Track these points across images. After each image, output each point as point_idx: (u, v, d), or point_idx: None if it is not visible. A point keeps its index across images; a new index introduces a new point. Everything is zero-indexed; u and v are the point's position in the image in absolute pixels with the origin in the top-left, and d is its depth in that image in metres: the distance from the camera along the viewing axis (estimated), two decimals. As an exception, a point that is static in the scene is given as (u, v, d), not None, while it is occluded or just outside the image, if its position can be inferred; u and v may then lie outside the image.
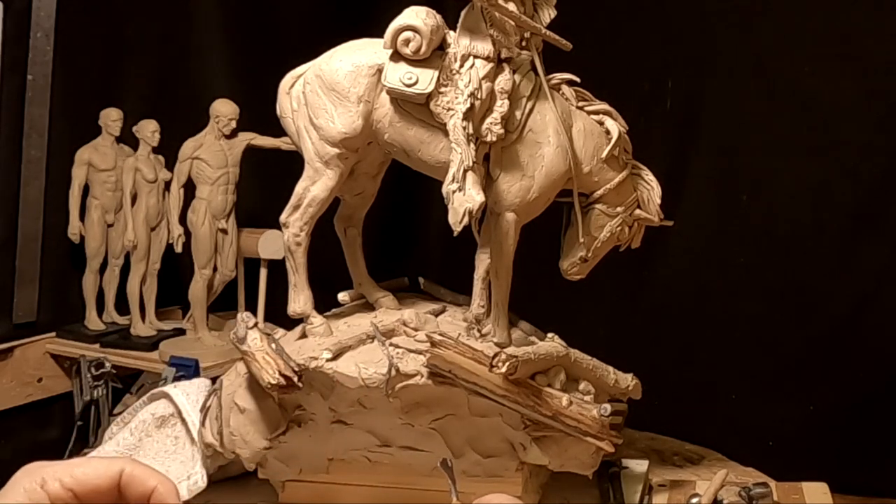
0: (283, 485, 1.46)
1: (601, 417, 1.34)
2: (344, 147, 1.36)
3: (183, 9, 2.36)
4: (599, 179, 1.40)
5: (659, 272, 2.06)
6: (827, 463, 1.70)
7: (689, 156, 2.03)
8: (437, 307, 1.51)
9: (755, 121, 1.95)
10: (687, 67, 2.00)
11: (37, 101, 2.11)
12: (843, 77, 1.85)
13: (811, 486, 1.50)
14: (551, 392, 1.33)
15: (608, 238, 1.43)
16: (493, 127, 1.30)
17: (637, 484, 1.50)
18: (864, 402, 1.88)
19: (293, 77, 1.42)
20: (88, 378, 1.96)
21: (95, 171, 2.15)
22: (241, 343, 1.37)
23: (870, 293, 1.88)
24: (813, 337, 1.93)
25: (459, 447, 1.38)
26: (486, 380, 1.27)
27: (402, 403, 1.34)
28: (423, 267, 1.98)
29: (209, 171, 2.07)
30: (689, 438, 1.81)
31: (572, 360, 1.41)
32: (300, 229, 1.38)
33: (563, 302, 1.78)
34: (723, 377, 2.00)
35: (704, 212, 2.01)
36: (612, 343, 1.71)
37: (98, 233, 2.17)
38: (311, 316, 1.41)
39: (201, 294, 2.10)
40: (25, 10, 2.07)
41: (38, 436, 2.13)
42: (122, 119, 2.16)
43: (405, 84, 1.30)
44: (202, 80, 2.36)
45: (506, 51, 1.32)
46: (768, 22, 1.91)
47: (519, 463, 1.38)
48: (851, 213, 1.89)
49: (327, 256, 1.51)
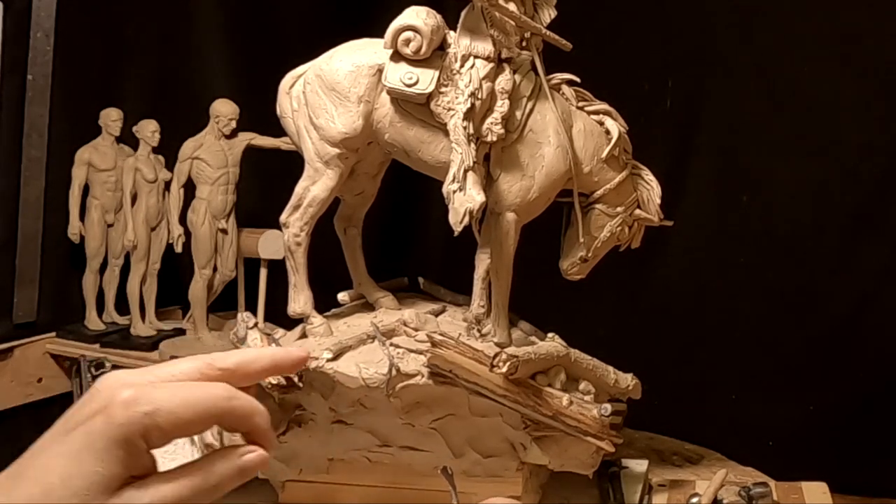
0: (283, 485, 1.46)
1: (601, 417, 1.34)
2: (344, 147, 1.36)
3: (183, 9, 2.36)
4: (599, 179, 1.40)
5: (659, 272, 2.06)
6: (826, 463, 1.70)
7: (689, 156, 2.03)
8: (436, 307, 1.51)
9: (755, 121, 1.95)
10: (687, 67, 2.00)
11: (37, 101, 2.11)
12: (843, 77, 1.85)
13: (810, 485, 1.50)
14: (552, 392, 1.33)
15: (608, 238, 1.43)
16: (493, 127, 1.30)
17: (637, 484, 1.50)
18: (864, 402, 1.88)
19: (293, 77, 1.42)
20: (88, 378, 1.96)
21: (95, 171, 2.15)
22: (241, 343, 1.37)
23: (870, 293, 1.88)
24: (813, 337, 1.93)
25: (460, 447, 1.38)
26: (486, 380, 1.27)
27: (403, 403, 1.34)
28: (423, 267, 1.98)
29: (209, 171, 2.07)
30: (688, 438, 1.81)
31: (572, 360, 1.41)
32: (300, 229, 1.38)
33: (563, 302, 1.78)
34: (723, 377, 2.00)
35: (704, 212, 2.01)
36: (612, 343, 1.70)
37: (98, 233, 2.17)
38: (311, 316, 1.41)
39: (201, 294, 2.10)
40: (25, 10, 2.07)
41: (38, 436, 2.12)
42: (122, 119, 2.16)
43: (406, 84, 1.30)
44: (202, 80, 2.36)
45: (506, 51, 1.33)
46: (768, 22, 1.91)
47: (519, 463, 1.39)
48: (851, 213, 1.89)
49: (327, 256, 1.51)
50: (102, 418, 0.56)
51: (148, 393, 0.57)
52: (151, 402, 0.56)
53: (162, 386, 0.58)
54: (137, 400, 0.56)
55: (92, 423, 0.56)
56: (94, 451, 0.55)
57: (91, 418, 0.56)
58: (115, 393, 0.56)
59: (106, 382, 0.58)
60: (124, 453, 0.55)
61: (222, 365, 0.61)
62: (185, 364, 0.61)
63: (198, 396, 0.58)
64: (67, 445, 0.56)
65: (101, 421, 0.55)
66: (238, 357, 0.63)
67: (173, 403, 0.57)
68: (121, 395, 0.56)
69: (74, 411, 0.58)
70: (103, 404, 0.56)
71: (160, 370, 0.60)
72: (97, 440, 0.55)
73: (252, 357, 0.63)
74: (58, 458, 0.56)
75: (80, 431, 0.56)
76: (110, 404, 0.56)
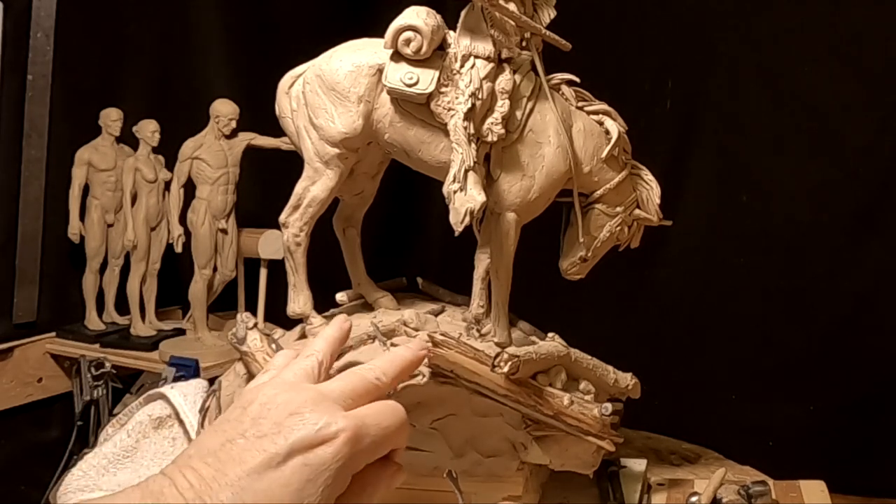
0: (283, 485, 1.46)
1: (602, 417, 1.34)
2: (344, 147, 1.36)
3: (183, 9, 2.36)
4: (599, 179, 1.40)
5: (659, 272, 2.07)
6: (826, 463, 1.70)
7: (688, 156, 2.03)
8: (436, 307, 1.51)
9: (755, 121, 1.95)
10: (687, 67, 2.00)
11: (37, 101, 2.11)
12: (843, 77, 1.86)
13: (809, 484, 1.50)
14: (552, 392, 1.33)
15: (608, 238, 1.43)
16: (493, 127, 1.30)
17: (636, 483, 1.50)
18: (864, 402, 1.88)
19: (292, 77, 1.42)
20: (88, 378, 1.96)
21: (95, 171, 2.15)
22: (241, 343, 1.37)
23: (870, 293, 1.88)
24: (813, 337, 1.93)
25: (460, 447, 1.38)
26: (487, 380, 1.27)
27: (403, 403, 1.34)
28: (422, 267, 1.98)
29: (209, 171, 2.07)
30: (687, 437, 1.81)
31: (573, 360, 1.41)
32: (300, 229, 1.38)
33: (563, 302, 1.78)
34: (722, 376, 2.01)
35: (704, 212, 2.02)
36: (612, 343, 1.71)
37: (98, 233, 2.17)
38: (311, 316, 1.41)
39: (201, 294, 2.10)
40: (25, 10, 2.07)
41: (38, 436, 2.13)
42: (122, 119, 2.16)
43: (406, 84, 1.30)
44: (202, 80, 2.37)
45: (506, 51, 1.32)
46: (768, 22, 1.92)
47: (520, 462, 1.38)
48: (851, 213, 1.89)
49: (327, 256, 1.51)
50: (328, 452, 0.57)
51: (363, 426, 0.59)
52: (369, 436, 0.59)
53: (366, 415, 0.60)
54: (360, 435, 0.58)
55: (315, 456, 0.57)
56: (317, 484, 0.56)
57: (312, 450, 0.57)
58: (334, 424, 0.58)
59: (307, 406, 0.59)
60: (340, 484, 0.58)
61: (387, 381, 0.66)
62: (358, 382, 0.63)
63: (393, 421, 0.62)
64: (289, 476, 0.56)
65: (327, 455, 0.57)
66: (395, 369, 0.68)
67: (381, 432, 0.61)
68: (343, 430, 0.58)
69: (276, 432, 0.58)
70: (324, 437, 0.57)
71: (339, 389, 0.62)
72: (322, 474, 0.57)
73: (403, 366, 0.68)
74: (280, 487, 0.56)
75: (300, 462, 0.57)
76: (334, 438, 0.57)
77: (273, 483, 0.55)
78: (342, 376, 0.62)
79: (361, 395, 0.62)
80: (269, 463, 0.56)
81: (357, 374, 0.63)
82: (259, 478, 0.55)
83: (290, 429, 0.57)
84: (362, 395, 0.62)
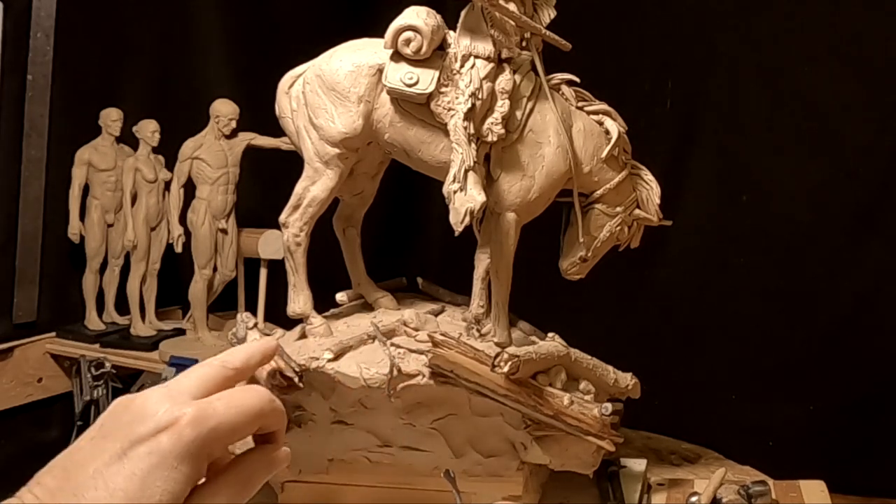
0: (282, 485, 1.46)
1: (602, 417, 1.34)
2: (344, 147, 1.36)
3: (183, 9, 2.36)
4: (599, 179, 1.40)
5: (659, 272, 2.07)
6: (826, 463, 1.70)
7: (688, 156, 2.03)
8: (435, 307, 1.51)
9: (755, 121, 1.95)
10: (687, 67, 2.00)
11: (37, 101, 2.11)
12: (843, 77, 1.86)
13: (809, 484, 1.50)
14: (552, 391, 1.33)
15: (608, 238, 1.43)
16: (493, 127, 1.30)
17: (636, 483, 1.50)
18: (864, 402, 1.88)
19: (292, 77, 1.42)
20: (88, 378, 1.96)
21: (95, 171, 2.15)
22: (241, 343, 1.37)
23: (870, 293, 1.88)
24: (813, 337, 1.93)
25: (460, 447, 1.38)
26: (487, 379, 1.27)
27: (404, 403, 1.34)
28: (422, 267, 1.98)
29: (209, 171, 2.07)
30: (687, 437, 1.81)
31: (573, 360, 1.41)
32: (300, 229, 1.38)
33: (563, 302, 1.78)
34: (721, 376, 2.01)
35: (704, 212, 2.02)
36: (612, 343, 1.71)
37: (98, 233, 2.17)
38: (311, 316, 1.41)
39: (201, 294, 2.10)
40: (25, 10, 2.07)
41: (38, 436, 2.13)
42: (122, 119, 2.16)
43: (406, 84, 1.30)
44: (202, 80, 2.36)
45: (506, 51, 1.33)
46: (768, 22, 1.92)
47: (520, 462, 1.39)
48: (851, 213, 1.89)
49: (327, 256, 1.51)
50: (170, 437, 0.55)
51: (209, 408, 0.57)
52: (215, 416, 0.57)
53: (216, 398, 0.58)
54: (203, 416, 0.56)
55: (157, 443, 0.55)
56: (163, 471, 0.55)
57: (154, 437, 0.55)
58: (175, 410, 0.56)
59: (151, 400, 0.57)
60: (192, 470, 0.56)
61: (234, 365, 0.62)
62: (204, 371, 0.61)
63: (250, 403, 0.59)
64: (131, 466, 0.55)
65: (169, 440, 0.55)
66: (242, 354, 0.64)
67: (232, 414, 0.58)
68: (185, 413, 0.56)
69: (118, 430, 0.56)
70: (165, 423, 0.55)
71: (186, 382, 0.60)
72: (166, 460, 0.55)
73: (250, 352, 0.65)
74: (123, 479, 0.54)
75: (143, 451, 0.55)
76: (175, 423, 0.55)
77: (117, 476, 0.54)
78: (188, 371, 0.62)
79: (210, 385, 0.60)
80: (112, 459, 0.55)
81: (202, 365, 0.62)
82: (102, 475, 0.54)
83: (131, 423, 0.56)
84: (211, 384, 0.60)
